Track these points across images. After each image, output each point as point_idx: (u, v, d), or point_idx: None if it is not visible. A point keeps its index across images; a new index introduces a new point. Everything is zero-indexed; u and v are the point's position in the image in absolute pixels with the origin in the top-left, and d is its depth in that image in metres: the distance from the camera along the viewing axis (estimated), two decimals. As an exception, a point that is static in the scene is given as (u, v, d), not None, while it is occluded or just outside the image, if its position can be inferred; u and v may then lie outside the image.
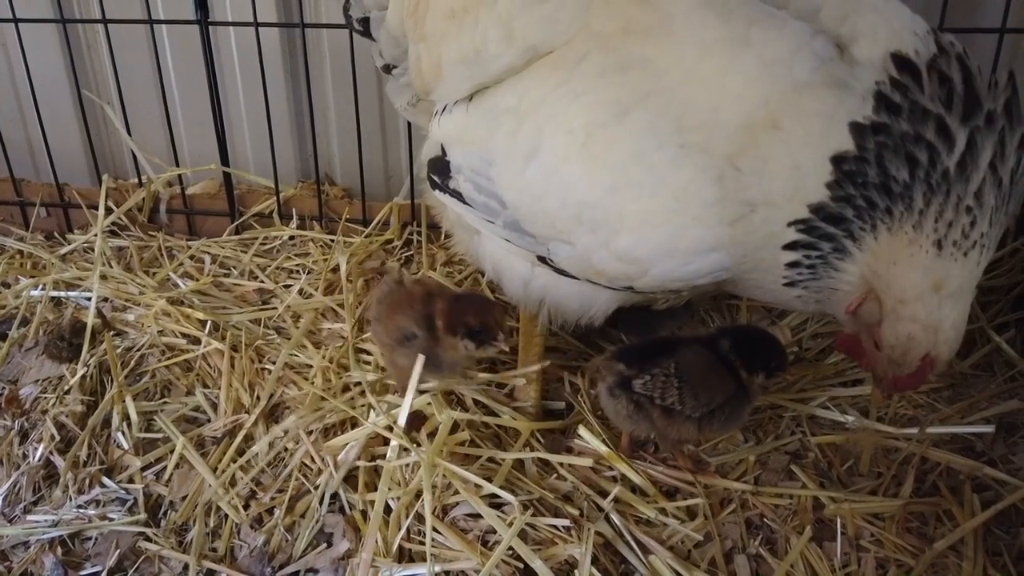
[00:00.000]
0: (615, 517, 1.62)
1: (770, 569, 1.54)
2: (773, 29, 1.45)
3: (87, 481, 1.79)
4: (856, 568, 1.54)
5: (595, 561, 1.51)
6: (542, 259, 1.73)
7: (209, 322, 2.22)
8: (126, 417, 1.94)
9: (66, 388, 2.01)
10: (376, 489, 1.66)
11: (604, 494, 1.67)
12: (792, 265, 1.48)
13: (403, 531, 1.59)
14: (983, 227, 1.37)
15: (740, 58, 1.45)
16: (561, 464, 1.75)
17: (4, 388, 2.05)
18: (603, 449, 1.75)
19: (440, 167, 1.85)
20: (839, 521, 1.61)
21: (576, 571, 1.49)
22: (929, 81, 1.38)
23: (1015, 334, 2.18)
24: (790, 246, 1.46)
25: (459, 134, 1.81)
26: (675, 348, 1.73)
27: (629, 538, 1.58)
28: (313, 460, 1.79)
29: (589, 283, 1.71)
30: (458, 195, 1.82)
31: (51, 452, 1.85)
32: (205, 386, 2.06)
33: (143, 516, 1.71)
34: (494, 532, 1.57)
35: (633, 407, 1.70)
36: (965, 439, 1.85)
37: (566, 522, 1.57)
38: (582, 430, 1.78)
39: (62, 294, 2.41)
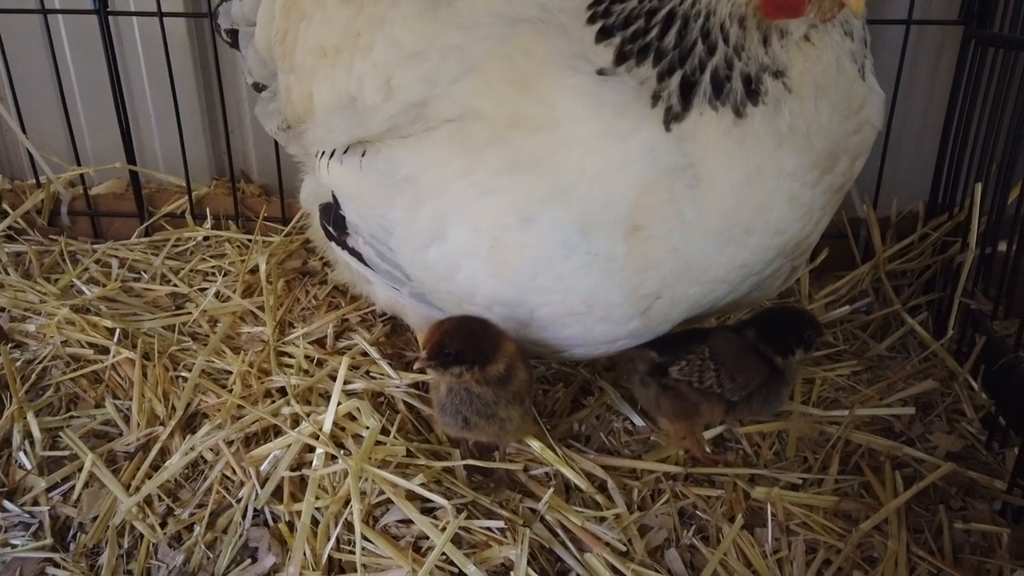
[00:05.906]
0: (550, 516, 1.60)
1: (704, 560, 1.55)
2: (638, 119, 1.42)
3: (-14, 506, 1.66)
4: (787, 553, 1.56)
5: (531, 562, 1.49)
6: None
7: (118, 330, 2.10)
8: (28, 435, 1.81)
9: (-40, 407, 1.87)
10: (302, 499, 1.60)
11: (537, 494, 1.65)
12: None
13: (332, 541, 1.53)
14: None
15: (616, 155, 1.43)
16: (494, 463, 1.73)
17: None
18: (536, 445, 1.73)
19: (335, 219, 1.74)
20: (769, 507, 1.63)
21: (512, 573, 1.46)
22: None
23: (927, 316, 2.26)
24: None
25: (353, 190, 1.69)
26: (705, 335, 1.70)
27: (564, 537, 1.56)
28: (234, 472, 1.70)
29: None
30: (358, 255, 1.74)
31: (-55, 477, 1.71)
32: (116, 398, 1.95)
33: (49, 541, 1.59)
34: (427, 538, 1.53)
35: (666, 393, 1.68)
36: (884, 420, 1.91)
37: (500, 524, 1.54)
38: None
39: (-47, 305, 2.24)
